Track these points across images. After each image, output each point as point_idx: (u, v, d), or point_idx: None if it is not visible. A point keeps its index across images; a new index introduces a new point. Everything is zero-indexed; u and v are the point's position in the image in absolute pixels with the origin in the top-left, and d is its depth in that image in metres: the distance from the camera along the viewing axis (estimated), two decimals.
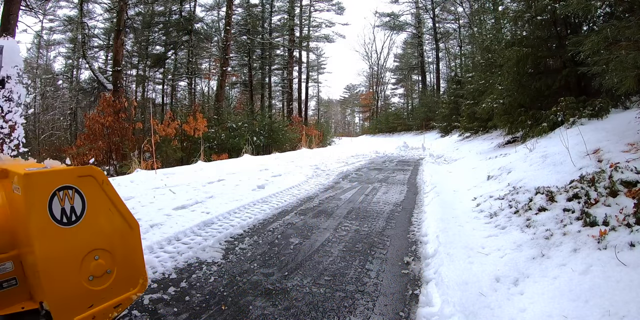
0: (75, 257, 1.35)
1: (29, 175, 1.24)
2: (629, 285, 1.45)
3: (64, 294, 1.34)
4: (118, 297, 1.48)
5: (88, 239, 1.39)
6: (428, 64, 31.06)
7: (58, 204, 1.29)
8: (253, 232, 3.04)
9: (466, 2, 22.82)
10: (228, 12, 16.49)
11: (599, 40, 3.16)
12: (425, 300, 1.79)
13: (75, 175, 1.36)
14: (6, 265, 1.37)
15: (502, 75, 7.10)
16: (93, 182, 1.42)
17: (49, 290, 1.30)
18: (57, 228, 1.29)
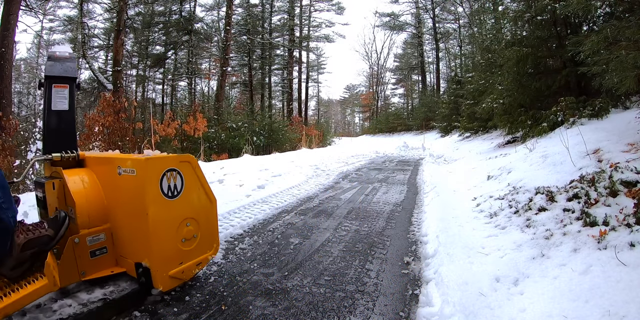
0: (174, 223, 1.75)
1: (149, 160, 1.63)
2: (629, 285, 1.45)
3: (164, 253, 1.72)
4: (199, 257, 1.91)
5: (183, 210, 1.80)
6: (428, 64, 31.06)
7: (166, 181, 1.70)
8: (253, 232, 3.04)
9: (466, 2, 22.83)
10: (228, 12, 16.49)
11: (599, 40, 3.16)
12: (425, 300, 1.79)
13: (178, 160, 1.76)
14: (100, 236, 1.77)
15: (502, 75, 7.10)
16: (189, 166, 1.82)
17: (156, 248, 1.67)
18: (164, 200, 1.70)
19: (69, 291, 1.92)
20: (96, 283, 1.81)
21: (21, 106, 23.50)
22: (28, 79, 24.89)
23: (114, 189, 1.80)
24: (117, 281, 1.83)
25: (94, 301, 1.70)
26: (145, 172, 1.63)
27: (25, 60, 24.69)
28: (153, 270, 1.70)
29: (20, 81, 24.00)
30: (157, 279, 1.72)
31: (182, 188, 1.80)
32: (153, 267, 1.69)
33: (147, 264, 1.71)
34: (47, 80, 1.88)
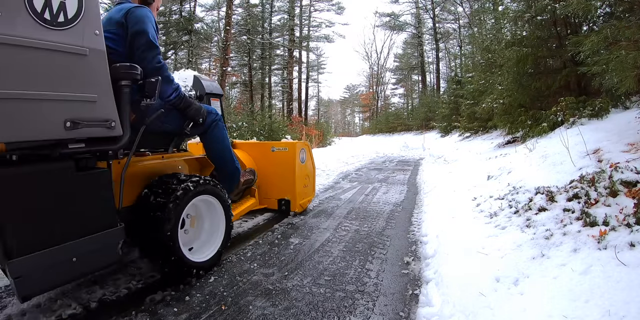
0: (302, 177, 3.47)
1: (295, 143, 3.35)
2: (629, 285, 1.45)
3: (297, 192, 3.40)
4: (308, 197, 3.74)
5: (305, 170, 3.54)
6: (428, 64, 31.07)
7: (299, 154, 3.38)
8: (256, 232, 3.04)
9: (466, 2, 22.83)
10: (228, 12, 16.49)
11: (599, 40, 3.16)
12: (425, 300, 1.79)
13: (305, 144, 3.51)
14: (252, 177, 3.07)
15: (502, 75, 7.10)
16: (308, 147, 3.60)
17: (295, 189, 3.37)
18: (300, 164, 3.40)
19: (69, 291, 1.93)
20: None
21: None
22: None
23: (266, 159, 3.41)
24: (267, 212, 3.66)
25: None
26: (294, 149, 3.34)
27: None
28: (292, 201, 3.44)
29: None
30: (294, 206, 3.46)
31: (306, 159, 3.57)
32: (292, 199, 3.43)
33: (289, 198, 3.43)
34: (207, 95, 2.68)
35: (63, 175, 1.43)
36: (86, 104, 1.46)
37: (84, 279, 2.07)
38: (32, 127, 1.26)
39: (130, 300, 1.83)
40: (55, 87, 1.36)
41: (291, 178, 3.39)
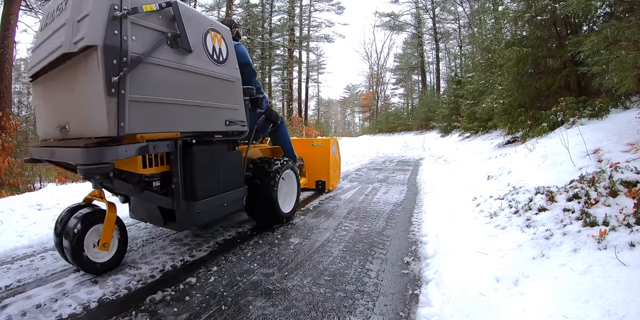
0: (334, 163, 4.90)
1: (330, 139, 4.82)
2: (629, 285, 1.45)
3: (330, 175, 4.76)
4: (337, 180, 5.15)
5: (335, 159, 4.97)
6: (428, 64, 31.06)
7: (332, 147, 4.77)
8: (256, 232, 3.04)
9: (466, 2, 22.83)
10: (228, 12, 16.50)
11: (599, 40, 3.16)
12: (425, 300, 1.79)
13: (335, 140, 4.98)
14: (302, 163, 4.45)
15: (502, 75, 7.10)
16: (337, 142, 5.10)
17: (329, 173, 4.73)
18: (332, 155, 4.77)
19: (69, 291, 1.93)
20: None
21: (21, 106, 23.49)
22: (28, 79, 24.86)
23: (307, 151, 4.62)
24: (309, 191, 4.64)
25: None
26: (328, 144, 4.64)
27: (25, 60, 24.64)
28: (327, 182, 4.68)
29: (20, 81, 23.97)
30: (328, 186, 4.71)
31: (335, 151, 4.81)
32: (327, 181, 4.68)
33: (324, 179, 4.67)
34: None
35: (223, 152, 2.48)
36: (234, 111, 2.49)
37: (86, 279, 2.07)
38: (210, 123, 2.27)
39: (130, 300, 1.83)
40: (222, 100, 2.36)
41: (326, 165, 4.74)
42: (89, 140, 1.81)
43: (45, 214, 3.43)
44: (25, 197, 3.83)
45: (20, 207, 3.48)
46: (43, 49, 2.03)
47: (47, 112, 2.19)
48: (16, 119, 9.37)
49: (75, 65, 1.81)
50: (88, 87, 1.75)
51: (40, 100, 2.31)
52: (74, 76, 1.84)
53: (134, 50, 1.77)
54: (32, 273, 2.19)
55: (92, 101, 1.72)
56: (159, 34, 1.93)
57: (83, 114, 1.81)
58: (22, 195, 3.93)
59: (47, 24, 2.05)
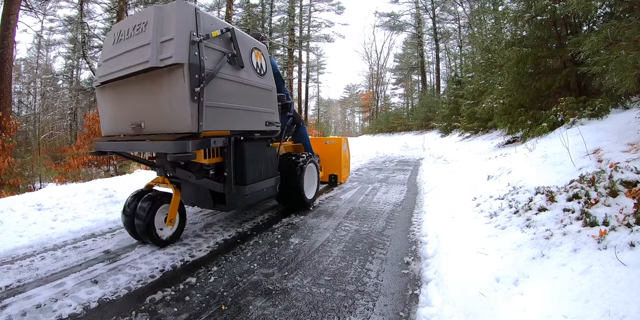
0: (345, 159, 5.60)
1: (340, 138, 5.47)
2: (629, 285, 1.45)
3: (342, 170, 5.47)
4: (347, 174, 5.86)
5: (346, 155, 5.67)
6: (428, 64, 31.05)
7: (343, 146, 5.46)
8: (256, 231, 3.04)
9: (466, 2, 22.83)
10: (228, 12, 16.50)
11: (599, 40, 3.16)
12: (425, 300, 1.79)
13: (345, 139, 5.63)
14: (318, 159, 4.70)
15: (502, 75, 7.10)
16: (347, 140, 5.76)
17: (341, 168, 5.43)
18: (343, 152, 5.46)
19: (69, 291, 1.93)
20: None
21: (21, 106, 23.49)
22: (28, 79, 24.89)
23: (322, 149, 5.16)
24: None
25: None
26: (340, 142, 5.31)
27: (25, 60, 24.67)
28: (339, 176, 5.39)
29: (20, 81, 23.98)
30: (341, 179, 5.46)
31: (346, 148, 5.55)
32: (339, 174, 5.39)
33: (337, 173, 5.38)
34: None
35: (263, 147, 3.08)
36: (271, 114, 3.09)
37: (86, 279, 2.07)
38: (254, 123, 2.84)
39: (130, 300, 1.83)
40: (263, 105, 2.94)
41: (338, 160, 5.41)
42: (171, 135, 2.29)
43: (45, 213, 3.43)
44: (25, 197, 3.83)
45: (20, 207, 3.48)
46: (120, 60, 2.46)
47: (120, 112, 2.62)
48: (16, 119, 9.37)
49: (158, 77, 2.28)
50: (173, 94, 2.23)
51: (110, 103, 2.73)
52: (156, 85, 2.30)
53: (208, 67, 2.31)
54: (32, 273, 2.19)
55: (177, 106, 2.22)
56: (221, 54, 2.50)
57: (165, 115, 2.31)
58: (22, 195, 3.93)
59: (121, 40, 2.51)
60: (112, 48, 2.60)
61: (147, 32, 2.30)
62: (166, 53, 2.20)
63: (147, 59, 2.23)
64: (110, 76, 2.56)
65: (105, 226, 3.23)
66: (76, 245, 2.73)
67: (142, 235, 2.57)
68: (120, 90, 2.60)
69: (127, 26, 2.50)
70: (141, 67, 2.28)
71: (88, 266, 2.29)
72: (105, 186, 4.45)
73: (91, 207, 3.73)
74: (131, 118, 2.51)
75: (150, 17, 2.33)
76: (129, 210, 2.63)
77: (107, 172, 9.25)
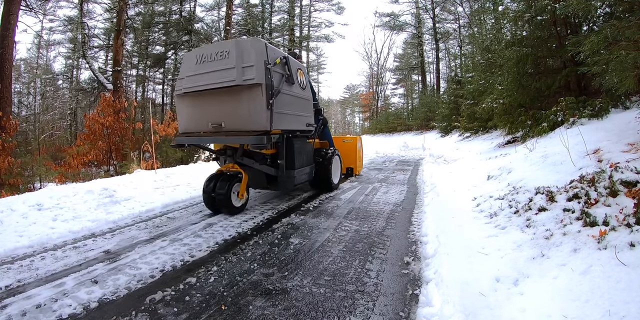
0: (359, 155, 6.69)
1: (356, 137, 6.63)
2: (629, 285, 1.45)
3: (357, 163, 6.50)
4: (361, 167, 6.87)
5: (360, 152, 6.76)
6: (428, 64, 31.03)
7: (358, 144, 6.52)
8: (256, 232, 3.04)
9: (466, 2, 22.82)
10: (228, 12, 16.50)
11: (598, 40, 3.16)
12: (425, 300, 1.79)
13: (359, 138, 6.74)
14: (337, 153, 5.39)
15: (502, 75, 7.10)
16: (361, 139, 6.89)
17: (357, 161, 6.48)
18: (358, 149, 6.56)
19: (69, 291, 1.93)
20: None
21: (21, 106, 23.48)
22: (28, 79, 24.87)
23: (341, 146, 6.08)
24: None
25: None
26: (355, 141, 6.40)
27: (25, 60, 24.65)
28: (354, 168, 6.40)
29: (20, 81, 23.96)
30: (356, 171, 6.50)
31: (360, 146, 6.67)
32: (354, 167, 6.39)
33: (353, 166, 6.35)
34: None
35: (304, 142, 4.28)
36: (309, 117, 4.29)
37: (86, 279, 2.07)
38: (298, 124, 3.97)
39: (130, 300, 1.83)
40: (304, 111, 4.12)
41: (354, 156, 6.40)
42: (249, 132, 3.23)
43: (45, 213, 3.43)
44: (25, 197, 3.83)
45: (20, 207, 3.48)
46: (204, 77, 3.36)
47: (201, 115, 3.49)
48: (16, 119, 9.37)
49: (239, 91, 3.22)
50: (253, 104, 3.19)
51: (190, 108, 3.59)
52: (238, 97, 3.25)
53: (275, 86, 3.29)
54: (32, 273, 2.19)
55: (256, 112, 3.19)
56: (281, 75, 3.54)
57: (244, 118, 3.24)
58: (22, 195, 3.93)
59: (204, 62, 3.39)
60: (195, 67, 3.45)
61: (231, 59, 3.21)
62: (248, 75, 3.16)
63: (234, 79, 3.16)
64: (195, 88, 3.41)
65: (105, 226, 3.23)
66: (76, 245, 2.73)
67: (220, 205, 3.52)
68: (201, 98, 3.46)
69: (210, 52, 3.39)
70: (227, 84, 3.19)
71: (88, 266, 2.29)
72: (105, 186, 4.45)
73: (91, 207, 3.73)
74: (212, 119, 3.40)
75: (232, 47, 3.24)
76: (208, 189, 3.51)
77: (107, 172, 9.26)
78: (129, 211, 3.66)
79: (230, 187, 3.46)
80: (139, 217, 3.55)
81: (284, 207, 4.00)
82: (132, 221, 3.42)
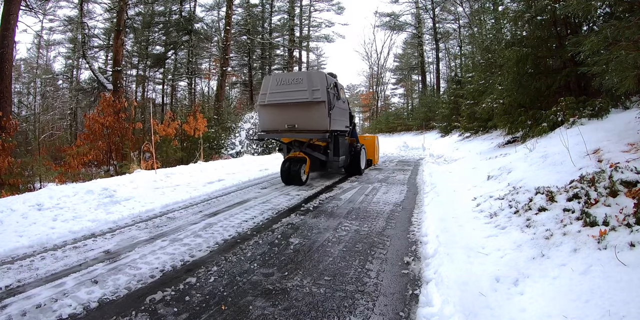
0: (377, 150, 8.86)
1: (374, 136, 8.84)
2: (629, 285, 1.45)
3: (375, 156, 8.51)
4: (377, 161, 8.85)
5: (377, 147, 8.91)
6: (428, 64, 31.04)
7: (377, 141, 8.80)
8: (256, 232, 3.04)
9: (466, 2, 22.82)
10: (228, 12, 16.50)
11: (598, 40, 3.16)
12: (425, 300, 1.79)
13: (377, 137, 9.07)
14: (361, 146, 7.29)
15: (502, 75, 7.10)
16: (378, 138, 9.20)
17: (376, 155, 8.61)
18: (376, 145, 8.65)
19: (69, 291, 1.93)
20: None
21: (21, 106, 23.47)
22: (28, 79, 24.87)
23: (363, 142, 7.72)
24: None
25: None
26: (374, 138, 8.61)
27: (25, 60, 24.65)
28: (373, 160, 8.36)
29: (20, 81, 23.96)
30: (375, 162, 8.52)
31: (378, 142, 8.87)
32: (373, 159, 8.37)
33: (372, 158, 8.23)
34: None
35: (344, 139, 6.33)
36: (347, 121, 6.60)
37: (86, 279, 2.07)
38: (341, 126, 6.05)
39: (130, 300, 1.83)
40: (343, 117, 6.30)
41: (372, 150, 8.22)
42: (316, 131, 5.22)
43: (45, 213, 3.43)
44: (25, 197, 3.83)
45: (20, 207, 3.48)
46: (283, 94, 5.22)
47: (279, 119, 5.42)
48: (16, 119, 9.37)
49: (309, 105, 5.16)
50: (318, 114, 5.19)
51: (270, 115, 5.54)
52: (307, 109, 5.20)
53: (331, 102, 5.22)
54: (32, 273, 2.19)
55: (321, 118, 5.18)
56: (333, 94, 5.35)
57: (312, 122, 5.22)
58: (22, 195, 3.93)
59: (282, 84, 5.29)
60: (275, 87, 5.42)
61: (303, 84, 5.16)
62: (316, 95, 5.08)
63: (307, 97, 5.12)
64: (276, 101, 5.40)
65: (105, 226, 3.23)
66: (76, 245, 2.73)
67: (293, 179, 5.31)
68: (280, 108, 5.44)
69: (287, 77, 5.43)
70: (301, 100, 5.16)
71: (88, 266, 2.29)
72: (105, 186, 4.45)
73: (91, 207, 3.73)
74: (287, 122, 5.41)
75: (305, 76, 5.26)
76: (285, 168, 5.39)
77: (107, 172, 9.26)
78: (129, 211, 3.66)
79: (300, 167, 5.35)
80: (139, 217, 3.55)
81: (283, 207, 4.00)
82: (132, 221, 3.42)
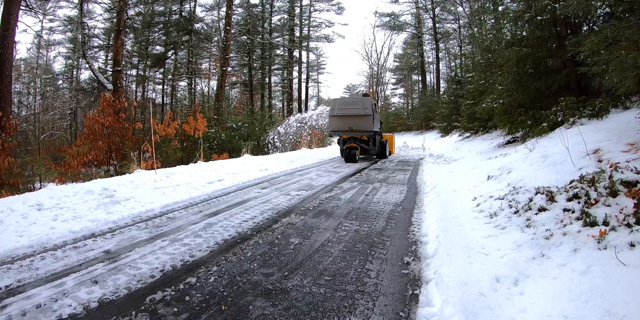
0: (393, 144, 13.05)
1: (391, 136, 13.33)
2: (629, 285, 1.45)
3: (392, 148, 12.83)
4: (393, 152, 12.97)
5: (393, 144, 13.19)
6: (428, 64, 31.05)
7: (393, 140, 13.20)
8: (256, 232, 3.04)
9: (466, 2, 22.82)
10: (228, 12, 16.49)
11: (598, 40, 3.16)
12: (425, 300, 1.79)
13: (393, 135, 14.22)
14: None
15: (502, 76, 7.10)
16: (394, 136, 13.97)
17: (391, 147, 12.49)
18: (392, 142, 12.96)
19: (69, 291, 1.93)
20: None
21: (21, 106, 23.47)
22: (28, 79, 24.87)
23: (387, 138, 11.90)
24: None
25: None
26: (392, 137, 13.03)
27: (25, 60, 24.64)
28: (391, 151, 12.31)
29: (20, 81, 23.95)
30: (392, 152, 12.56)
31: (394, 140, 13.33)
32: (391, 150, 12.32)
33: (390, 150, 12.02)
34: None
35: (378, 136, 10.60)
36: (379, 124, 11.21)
37: (86, 279, 2.07)
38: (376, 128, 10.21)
39: (130, 300, 1.83)
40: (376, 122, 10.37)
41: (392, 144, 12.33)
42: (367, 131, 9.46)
43: (45, 213, 3.43)
44: (25, 197, 3.83)
45: (20, 207, 3.48)
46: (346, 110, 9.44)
47: (343, 123, 9.48)
48: (16, 119, 9.36)
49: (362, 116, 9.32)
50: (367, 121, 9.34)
51: (338, 121, 9.60)
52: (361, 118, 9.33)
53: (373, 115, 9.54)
54: (32, 273, 2.19)
55: (368, 124, 9.33)
56: (373, 109, 9.70)
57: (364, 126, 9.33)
58: (22, 195, 3.93)
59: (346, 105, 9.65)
60: (341, 105, 9.57)
61: (359, 104, 9.37)
62: (366, 111, 9.20)
63: (362, 112, 9.22)
64: (342, 113, 9.42)
65: (105, 226, 3.22)
66: (76, 245, 2.73)
67: (351, 159, 9.30)
68: (343, 117, 9.41)
69: (349, 100, 10.54)
70: (357, 113, 9.25)
71: (88, 266, 2.28)
72: (105, 186, 4.45)
73: (91, 207, 3.73)
74: (348, 126, 9.34)
75: (359, 100, 9.70)
76: (346, 152, 9.50)
77: (107, 172, 9.26)
78: (129, 211, 3.66)
79: (355, 152, 9.29)
80: (139, 217, 3.55)
81: (283, 207, 4.00)
82: (132, 221, 3.42)
